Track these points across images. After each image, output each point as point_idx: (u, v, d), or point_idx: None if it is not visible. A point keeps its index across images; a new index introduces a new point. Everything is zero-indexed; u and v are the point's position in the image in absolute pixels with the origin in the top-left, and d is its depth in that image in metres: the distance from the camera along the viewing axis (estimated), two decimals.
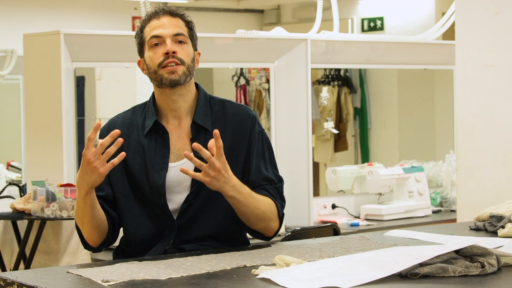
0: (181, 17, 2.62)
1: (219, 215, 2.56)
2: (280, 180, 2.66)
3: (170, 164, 2.57)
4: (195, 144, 2.36)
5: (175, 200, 2.57)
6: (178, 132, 2.60)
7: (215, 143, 2.37)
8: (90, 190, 2.43)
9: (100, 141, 2.35)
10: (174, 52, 2.54)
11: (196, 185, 2.54)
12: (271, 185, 2.62)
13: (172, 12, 2.61)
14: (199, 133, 2.59)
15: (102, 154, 2.36)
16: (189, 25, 2.63)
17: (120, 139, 2.35)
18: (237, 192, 2.45)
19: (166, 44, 2.55)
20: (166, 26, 2.57)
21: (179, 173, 2.47)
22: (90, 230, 2.53)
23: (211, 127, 2.59)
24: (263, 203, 2.55)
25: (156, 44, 2.57)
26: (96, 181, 2.39)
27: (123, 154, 2.37)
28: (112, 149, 2.35)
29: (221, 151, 2.37)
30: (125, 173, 2.59)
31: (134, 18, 9.27)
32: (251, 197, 2.50)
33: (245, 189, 2.49)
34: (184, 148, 2.57)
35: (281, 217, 2.62)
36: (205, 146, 2.57)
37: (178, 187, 2.56)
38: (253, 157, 2.61)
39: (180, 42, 2.58)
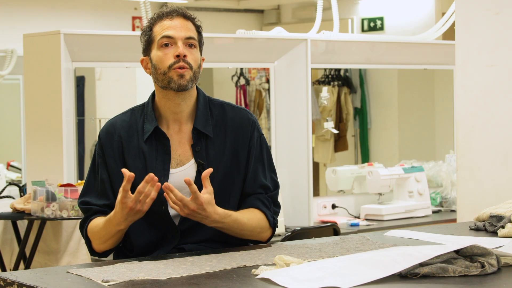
0: (193, 21, 2.60)
1: None
2: (276, 187, 2.65)
3: (171, 171, 2.56)
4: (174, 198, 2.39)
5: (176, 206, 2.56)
6: (179, 137, 2.59)
7: (190, 188, 2.39)
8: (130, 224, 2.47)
9: (125, 172, 2.39)
10: (185, 56, 2.52)
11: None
12: (266, 193, 2.61)
13: (185, 15, 2.58)
14: (200, 139, 2.58)
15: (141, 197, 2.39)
16: (199, 29, 2.61)
17: (156, 179, 2.37)
18: (219, 223, 2.47)
19: (178, 46, 2.52)
20: (178, 28, 2.54)
21: (180, 179, 2.48)
22: (107, 247, 2.56)
23: (212, 132, 2.59)
24: (251, 223, 2.55)
25: (166, 45, 2.54)
26: (140, 217, 2.44)
27: (158, 185, 2.39)
28: (153, 194, 2.38)
29: (196, 194, 2.39)
30: None
31: (134, 18, 9.27)
32: (236, 223, 2.51)
33: (230, 218, 2.49)
34: (184, 153, 2.56)
35: (273, 226, 2.63)
36: (206, 152, 2.56)
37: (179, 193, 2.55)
38: (251, 164, 2.60)
39: (190, 45, 2.55)
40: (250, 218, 2.56)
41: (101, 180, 2.58)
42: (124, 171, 2.40)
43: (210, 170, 2.43)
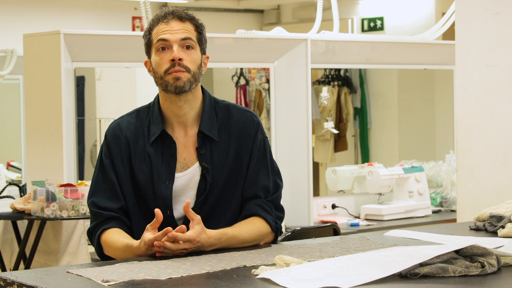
0: (191, 20, 2.57)
1: (223, 225, 2.54)
2: (278, 189, 2.63)
3: (176, 175, 2.55)
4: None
5: (180, 209, 2.54)
6: (185, 140, 2.58)
7: (179, 237, 2.35)
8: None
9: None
10: (180, 59, 2.50)
11: (201, 196, 2.54)
12: (265, 197, 2.59)
13: (181, 16, 2.56)
14: (205, 142, 2.57)
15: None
16: (198, 29, 2.58)
17: (169, 230, 2.34)
18: (216, 245, 2.43)
19: (173, 50, 2.51)
20: (173, 31, 2.53)
21: (185, 182, 2.49)
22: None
23: (217, 136, 2.58)
24: (250, 234, 2.52)
25: (163, 48, 2.53)
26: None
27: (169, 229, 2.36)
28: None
29: (185, 237, 2.34)
30: (131, 182, 2.57)
31: (134, 18, 9.28)
32: (234, 239, 2.48)
33: (225, 236, 2.46)
34: (190, 157, 2.55)
35: (275, 230, 2.60)
36: (211, 155, 2.56)
37: (183, 196, 2.54)
38: (252, 166, 2.59)
39: (188, 47, 2.54)
40: (249, 229, 2.53)
41: (110, 181, 2.56)
42: (157, 211, 2.36)
43: (188, 202, 2.38)
